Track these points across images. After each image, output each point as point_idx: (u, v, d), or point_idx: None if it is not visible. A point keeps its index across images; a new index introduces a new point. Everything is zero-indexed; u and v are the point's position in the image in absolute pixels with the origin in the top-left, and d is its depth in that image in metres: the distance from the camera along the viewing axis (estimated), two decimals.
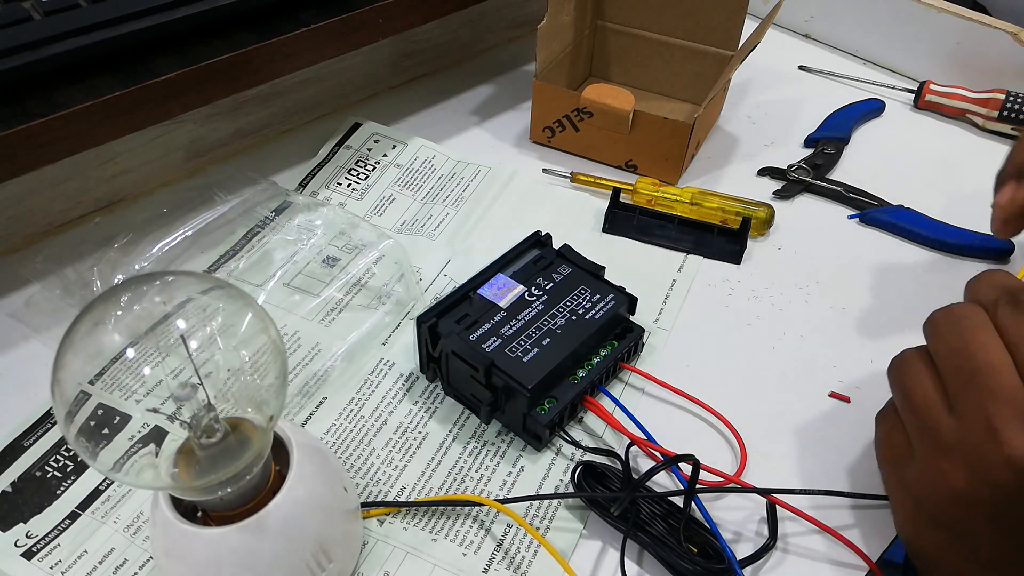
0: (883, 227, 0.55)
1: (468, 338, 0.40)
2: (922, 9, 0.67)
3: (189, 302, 0.29)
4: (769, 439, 0.42)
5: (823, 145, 0.61)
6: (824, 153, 0.60)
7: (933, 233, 0.54)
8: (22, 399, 0.42)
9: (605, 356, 0.42)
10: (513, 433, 0.41)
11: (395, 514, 0.38)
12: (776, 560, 0.37)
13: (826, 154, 0.60)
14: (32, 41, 0.41)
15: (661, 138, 0.55)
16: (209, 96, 0.47)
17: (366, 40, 0.52)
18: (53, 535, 0.37)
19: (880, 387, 0.44)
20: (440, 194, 0.56)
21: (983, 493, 0.30)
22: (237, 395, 0.28)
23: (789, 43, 0.75)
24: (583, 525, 0.38)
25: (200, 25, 0.46)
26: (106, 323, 0.27)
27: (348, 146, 0.59)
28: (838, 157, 0.61)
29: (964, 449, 0.30)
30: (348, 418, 0.42)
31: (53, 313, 0.46)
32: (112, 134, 0.44)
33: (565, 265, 0.45)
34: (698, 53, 0.63)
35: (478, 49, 0.71)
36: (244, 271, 0.49)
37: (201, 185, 0.53)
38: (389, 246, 0.49)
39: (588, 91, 0.56)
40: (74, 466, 0.39)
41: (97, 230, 0.51)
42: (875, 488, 0.39)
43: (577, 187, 0.57)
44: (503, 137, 0.62)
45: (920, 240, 0.54)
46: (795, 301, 0.50)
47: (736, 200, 0.54)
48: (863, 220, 0.56)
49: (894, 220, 0.55)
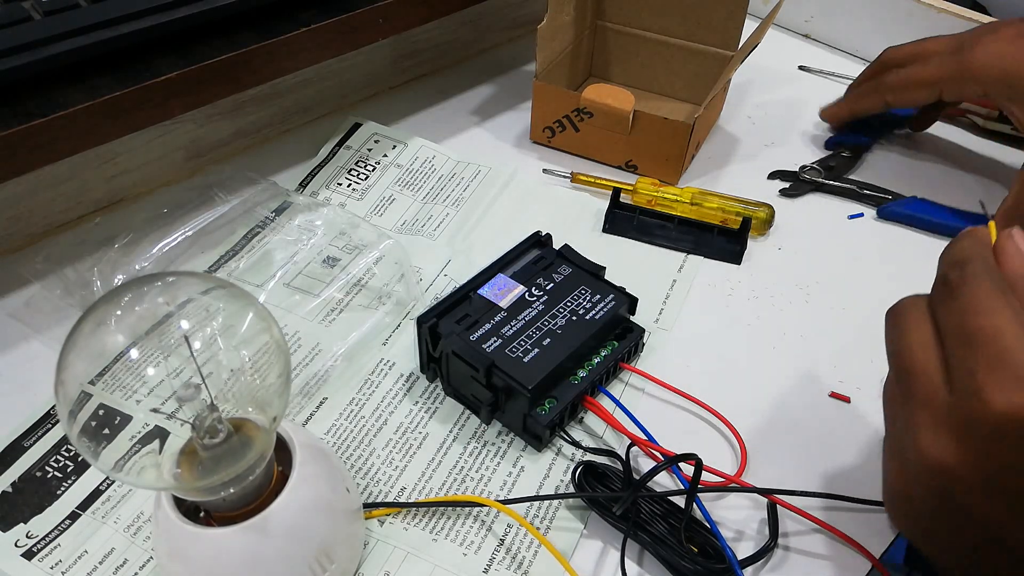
0: (902, 220, 0.55)
1: (468, 338, 0.40)
2: (922, 9, 0.67)
3: (191, 302, 0.29)
4: (769, 439, 0.42)
5: (842, 149, 0.61)
6: (841, 156, 0.60)
7: (952, 221, 0.54)
8: (22, 399, 0.42)
9: (605, 356, 0.42)
10: (513, 433, 0.41)
11: (396, 515, 0.38)
12: (777, 560, 0.37)
13: (843, 157, 0.60)
14: (32, 41, 0.41)
15: (661, 138, 0.55)
16: (209, 96, 0.47)
17: (366, 40, 0.52)
18: (53, 535, 0.37)
19: (880, 387, 0.45)
20: (440, 194, 0.56)
21: (918, 492, 0.30)
22: (240, 395, 0.28)
23: (789, 43, 0.75)
24: (583, 525, 0.38)
25: (200, 25, 0.46)
26: (108, 323, 0.27)
27: (348, 146, 0.59)
28: (855, 161, 0.60)
29: (897, 452, 0.30)
30: (348, 418, 0.42)
31: (53, 313, 0.46)
32: (112, 134, 0.44)
33: (565, 265, 0.45)
34: (698, 53, 0.63)
35: (478, 49, 0.71)
36: (244, 271, 0.49)
37: (201, 185, 0.52)
38: (389, 246, 0.49)
39: (588, 91, 0.56)
40: (74, 466, 0.39)
41: (97, 230, 0.51)
42: (875, 490, 0.39)
43: (577, 187, 0.57)
44: (503, 137, 0.62)
45: (937, 229, 0.54)
46: (795, 301, 0.50)
47: (736, 200, 0.54)
48: (881, 215, 0.56)
49: (912, 212, 0.55)
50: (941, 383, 0.28)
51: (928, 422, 0.28)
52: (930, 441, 0.28)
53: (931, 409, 0.28)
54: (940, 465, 0.28)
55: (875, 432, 0.42)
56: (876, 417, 0.43)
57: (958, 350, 0.28)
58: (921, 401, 0.29)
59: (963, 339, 0.28)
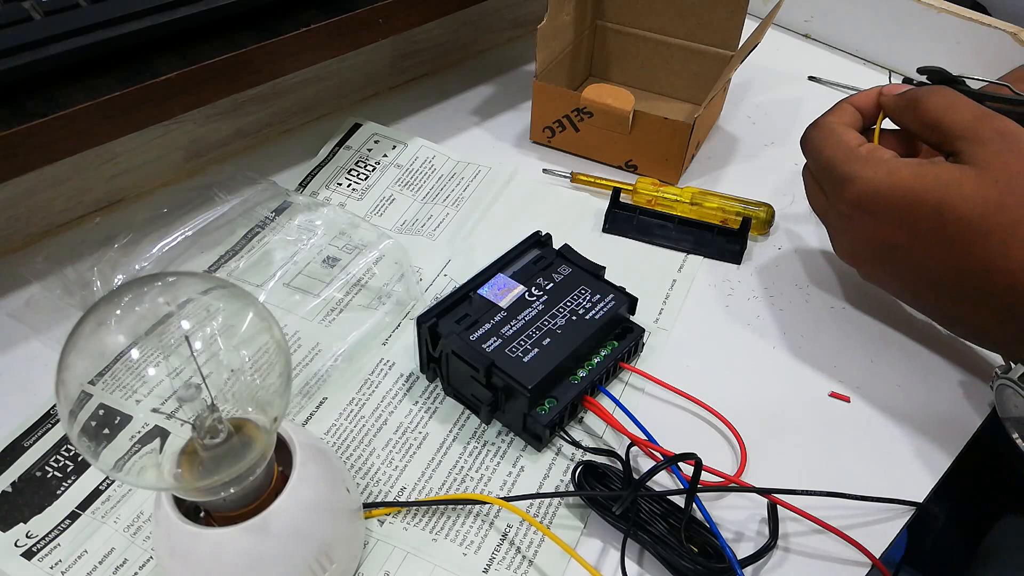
0: None
1: (468, 338, 0.40)
2: (922, 9, 0.67)
3: (191, 302, 0.29)
4: (769, 439, 0.42)
5: None
6: None
7: None
8: (22, 399, 0.42)
9: (605, 356, 0.42)
10: (513, 433, 0.41)
11: (395, 514, 0.38)
12: (777, 560, 0.37)
13: None
14: (32, 41, 0.41)
15: (661, 138, 0.55)
16: (209, 96, 0.47)
17: (366, 40, 0.52)
18: (53, 535, 0.37)
19: (880, 387, 0.45)
20: (440, 194, 0.56)
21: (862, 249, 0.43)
22: (240, 395, 0.28)
23: (789, 43, 0.75)
24: (583, 525, 0.38)
25: (200, 25, 0.46)
26: (109, 323, 0.27)
27: (348, 146, 0.59)
28: None
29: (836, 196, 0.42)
30: (348, 418, 0.42)
31: (53, 313, 0.46)
32: (112, 134, 0.44)
33: (565, 265, 0.45)
34: (698, 53, 0.63)
35: (478, 49, 0.71)
36: (244, 271, 0.49)
37: (201, 185, 0.52)
38: (389, 246, 0.49)
39: (588, 91, 0.56)
40: (74, 466, 0.39)
41: (97, 230, 0.51)
42: (875, 489, 0.39)
43: (577, 187, 0.57)
44: (503, 137, 0.62)
45: None
46: (795, 301, 0.50)
47: (736, 200, 0.54)
48: None
49: None
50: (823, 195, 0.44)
51: (830, 222, 0.45)
52: (836, 237, 0.45)
53: (826, 216, 0.45)
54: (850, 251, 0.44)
55: (875, 432, 0.43)
56: (876, 417, 0.43)
57: (818, 174, 0.44)
58: (820, 209, 0.45)
59: (817, 167, 0.44)
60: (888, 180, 0.39)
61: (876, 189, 0.39)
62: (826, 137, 0.43)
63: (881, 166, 0.39)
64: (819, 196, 0.44)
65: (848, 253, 0.44)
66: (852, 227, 0.42)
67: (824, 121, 0.44)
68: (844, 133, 0.42)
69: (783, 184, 0.58)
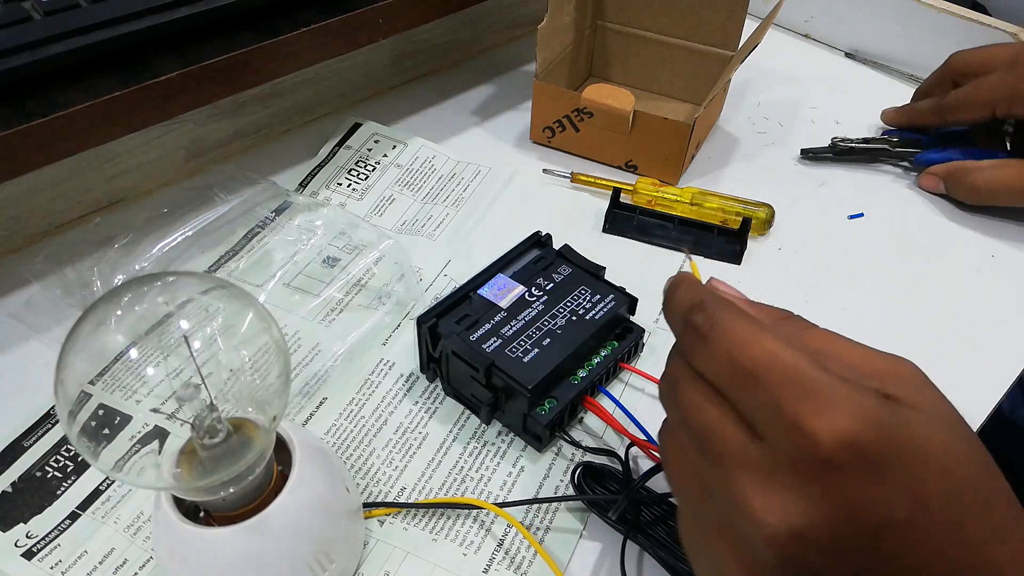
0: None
1: (468, 338, 0.40)
2: (922, 9, 0.67)
3: (190, 302, 0.29)
4: None
5: (893, 136, 0.61)
6: (888, 139, 0.61)
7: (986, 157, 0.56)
8: (22, 399, 0.42)
9: (605, 356, 0.42)
10: (513, 433, 0.41)
11: (395, 514, 0.38)
12: None
13: (890, 141, 0.60)
14: (32, 41, 0.41)
15: (661, 138, 0.55)
16: (209, 96, 0.47)
17: (366, 40, 0.52)
18: (53, 535, 0.37)
19: None
20: (440, 194, 0.56)
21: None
22: (240, 395, 0.28)
23: (789, 43, 0.75)
24: (583, 526, 0.38)
25: (200, 25, 0.46)
26: (108, 323, 0.27)
27: (348, 146, 0.59)
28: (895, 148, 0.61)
29: (729, 535, 0.25)
30: (348, 418, 0.42)
31: (53, 313, 0.46)
32: (112, 134, 0.44)
33: (565, 265, 0.45)
34: (698, 53, 0.63)
35: (478, 49, 0.71)
36: (244, 271, 0.49)
37: (201, 185, 0.52)
38: (389, 246, 0.49)
39: (588, 91, 0.56)
40: (74, 466, 0.39)
41: (97, 230, 0.51)
42: None
43: (577, 187, 0.57)
44: (503, 137, 0.62)
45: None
46: (795, 301, 0.50)
47: (736, 200, 0.54)
48: (918, 162, 0.58)
49: (950, 157, 0.57)
50: (745, 435, 0.24)
51: (753, 481, 0.23)
52: (764, 503, 0.23)
53: (748, 467, 0.23)
54: (788, 529, 0.22)
55: None
56: None
57: (742, 392, 0.24)
58: (734, 462, 0.24)
59: (742, 378, 0.24)
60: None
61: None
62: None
63: None
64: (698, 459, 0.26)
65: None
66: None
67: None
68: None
69: (783, 184, 0.58)
